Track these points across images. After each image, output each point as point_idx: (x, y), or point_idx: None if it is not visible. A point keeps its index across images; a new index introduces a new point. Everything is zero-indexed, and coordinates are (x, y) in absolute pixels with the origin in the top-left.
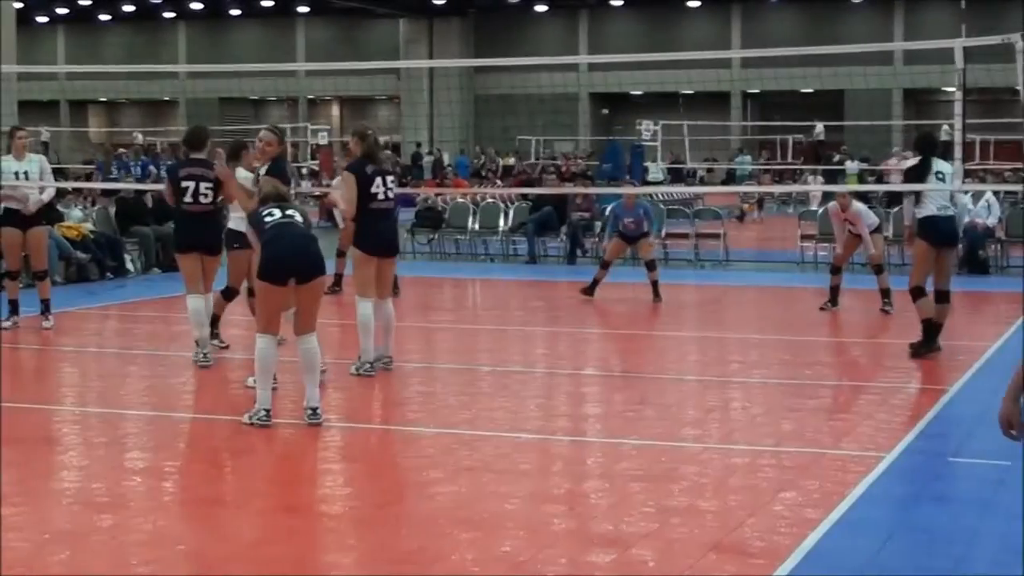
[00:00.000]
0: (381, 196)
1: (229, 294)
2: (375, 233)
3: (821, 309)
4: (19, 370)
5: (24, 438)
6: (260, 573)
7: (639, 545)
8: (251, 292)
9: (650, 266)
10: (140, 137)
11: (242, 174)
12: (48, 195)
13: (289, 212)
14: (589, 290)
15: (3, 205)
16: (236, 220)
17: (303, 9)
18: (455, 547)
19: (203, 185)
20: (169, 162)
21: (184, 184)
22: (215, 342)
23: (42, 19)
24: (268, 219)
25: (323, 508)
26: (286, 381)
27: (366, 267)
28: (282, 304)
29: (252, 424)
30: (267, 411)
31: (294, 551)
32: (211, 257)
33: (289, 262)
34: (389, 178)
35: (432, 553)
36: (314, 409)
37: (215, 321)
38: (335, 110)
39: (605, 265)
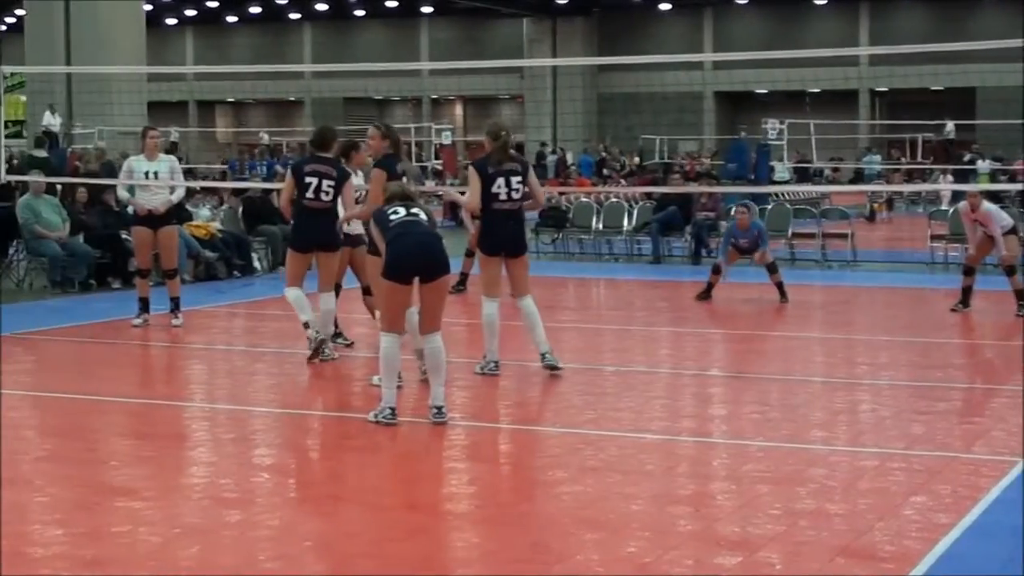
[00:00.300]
0: (503, 196)
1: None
2: (495, 233)
3: (952, 311)
4: (149, 367)
5: (155, 434)
6: (385, 570)
7: (766, 548)
8: (367, 291)
9: (771, 269)
10: (266, 137)
11: (355, 181)
12: (178, 195)
13: (414, 211)
14: (705, 294)
15: (133, 207)
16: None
17: (427, 9)
18: (579, 547)
19: (325, 183)
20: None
21: (307, 180)
22: (340, 340)
23: (171, 21)
24: (393, 217)
25: (448, 506)
26: (411, 379)
27: (490, 267)
28: (406, 303)
29: (377, 422)
30: (392, 409)
31: (419, 549)
32: (327, 254)
33: (413, 261)
34: (515, 179)
35: (556, 553)
36: (439, 408)
37: (335, 320)
38: (459, 109)
39: (717, 270)
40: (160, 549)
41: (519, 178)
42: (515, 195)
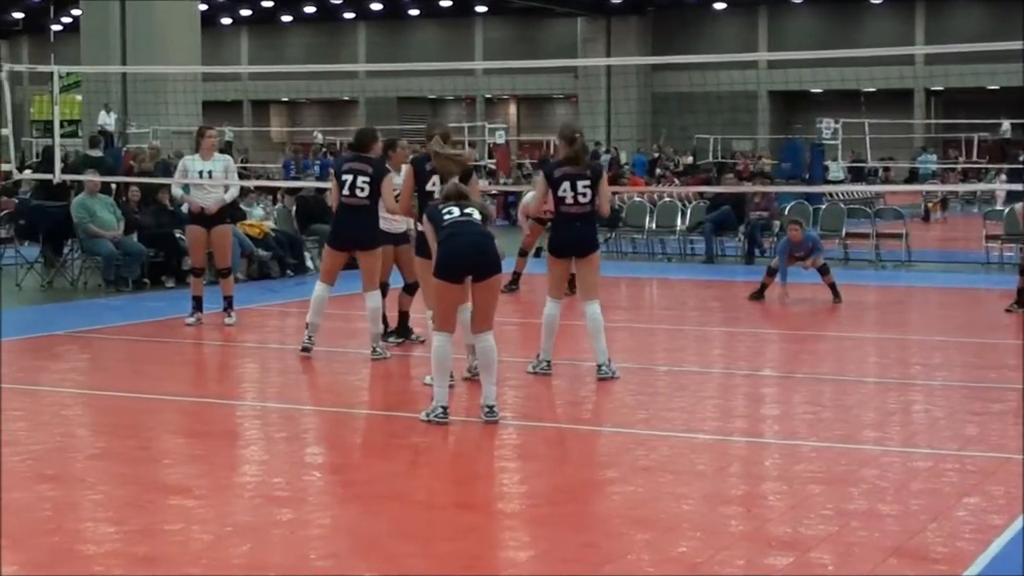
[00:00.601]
0: (569, 200)
1: (410, 289)
2: (559, 235)
3: (1007, 311)
4: (202, 366)
5: (207, 432)
6: (436, 569)
7: (818, 549)
8: (408, 288)
9: (823, 271)
10: (320, 136)
11: (396, 179)
12: (231, 194)
13: (468, 211)
14: (758, 294)
15: (187, 206)
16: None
17: (481, 8)
18: (630, 547)
19: (360, 179)
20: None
21: (344, 177)
22: (391, 339)
23: (226, 21)
24: (447, 217)
25: (499, 506)
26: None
27: (556, 268)
28: (457, 302)
29: (429, 421)
30: (444, 408)
31: (470, 548)
32: (363, 252)
33: (464, 260)
34: (581, 182)
35: (607, 553)
36: (491, 407)
37: (404, 317)
38: (512, 109)
39: (772, 272)
40: (212, 547)
41: (586, 182)
42: (581, 199)
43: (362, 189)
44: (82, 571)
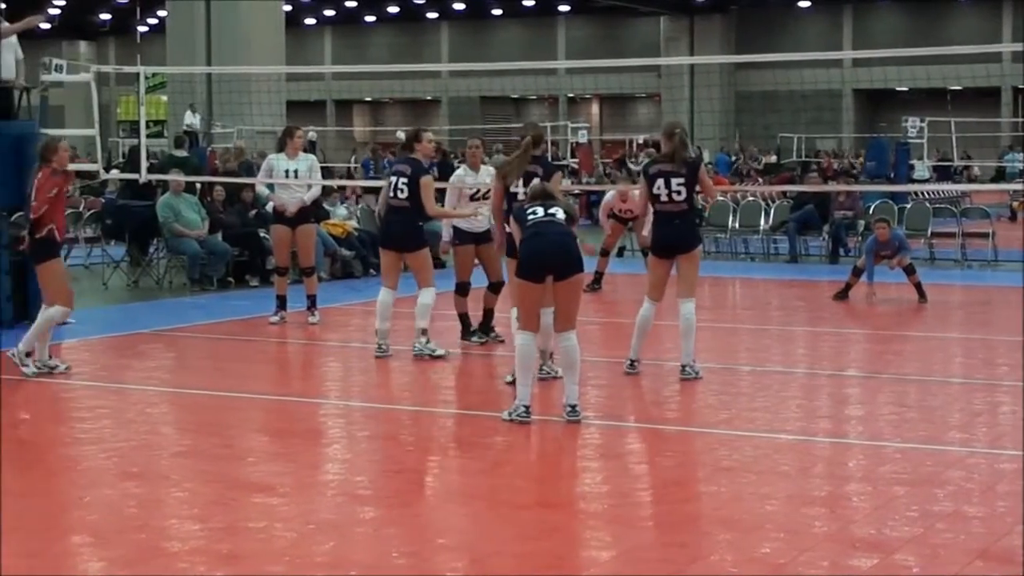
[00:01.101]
0: (664, 198)
1: (495, 288)
2: (658, 235)
3: None
4: (286, 364)
5: (290, 430)
6: (518, 568)
7: (903, 550)
8: (492, 287)
9: (908, 270)
10: (403, 136)
11: (459, 172)
12: (313, 194)
13: (552, 211)
14: (842, 294)
15: (272, 205)
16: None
17: (564, 8)
18: (714, 547)
19: (400, 180)
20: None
21: (391, 179)
22: (493, 335)
23: (310, 21)
24: (531, 217)
25: (581, 505)
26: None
27: (656, 269)
28: (540, 301)
29: (512, 420)
30: (527, 407)
31: (552, 547)
32: (408, 254)
33: (545, 259)
34: (676, 180)
35: (690, 552)
36: (573, 406)
37: (489, 315)
38: (595, 108)
39: (857, 272)
40: (294, 544)
41: (680, 180)
42: (676, 197)
43: (401, 191)
44: (167, 568)
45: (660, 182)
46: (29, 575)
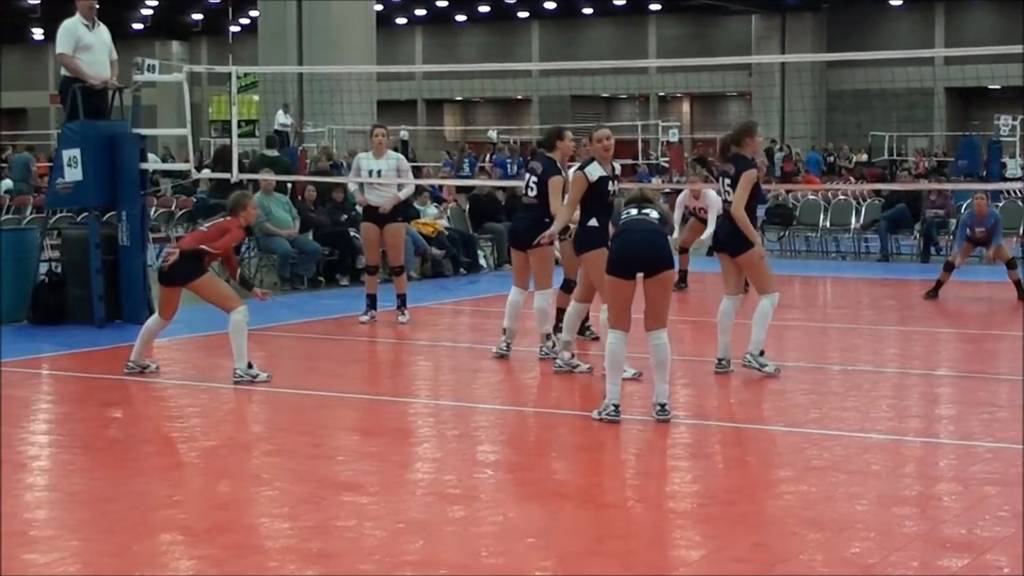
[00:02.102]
0: (727, 198)
1: (566, 286)
2: (715, 232)
3: None
4: (375, 363)
5: (380, 429)
6: (606, 568)
7: (994, 550)
8: (565, 286)
9: (1010, 265)
10: (494, 135)
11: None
12: (406, 193)
13: (645, 211)
14: (933, 293)
15: (365, 200)
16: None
17: (655, 7)
18: (803, 547)
19: (531, 179)
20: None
21: (525, 176)
22: (587, 334)
23: (401, 21)
24: (624, 217)
25: (670, 504)
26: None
27: (722, 264)
28: (630, 298)
29: (601, 419)
30: (616, 406)
31: (641, 546)
32: (531, 251)
33: (635, 256)
34: (726, 180)
35: (779, 552)
36: (663, 405)
37: (559, 315)
38: (685, 107)
39: (949, 268)
40: (384, 543)
41: (728, 180)
42: (727, 196)
43: (532, 188)
44: (257, 567)
45: (726, 181)
46: (118, 574)
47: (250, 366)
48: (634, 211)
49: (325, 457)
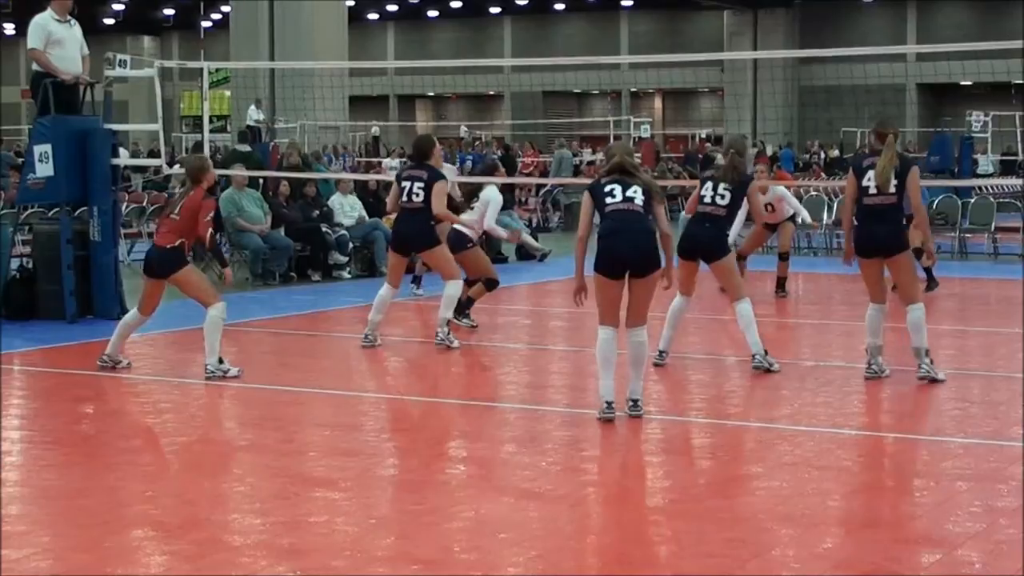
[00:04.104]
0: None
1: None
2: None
3: None
4: (347, 359)
5: (352, 425)
6: (580, 563)
7: (965, 546)
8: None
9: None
10: (465, 131)
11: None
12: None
13: (631, 192)
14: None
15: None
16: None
17: (627, 2)
18: (775, 542)
19: (416, 185)
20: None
21: (403, 184)
22: (465, 321)
23: (373, 16)
24: (608, 201)
25: (643, 500)
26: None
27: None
28: (618, 297)
29: (600, 419)
30: (609, 403)
31: (614, 542)
32: (424, 252)
33: (624, 259)
34: (721, 185)
35: (752, 548)
36: (635, 401)
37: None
38: (658, 103)
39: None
40: (356, 539)
41: (724, 184)
42: (718, 200)
43: (418, 194)
44: (228, 562)
45: (870, 173)
46: (90, 569)
47: (221, 361)
48: (619, 192)
49: (297, 453)
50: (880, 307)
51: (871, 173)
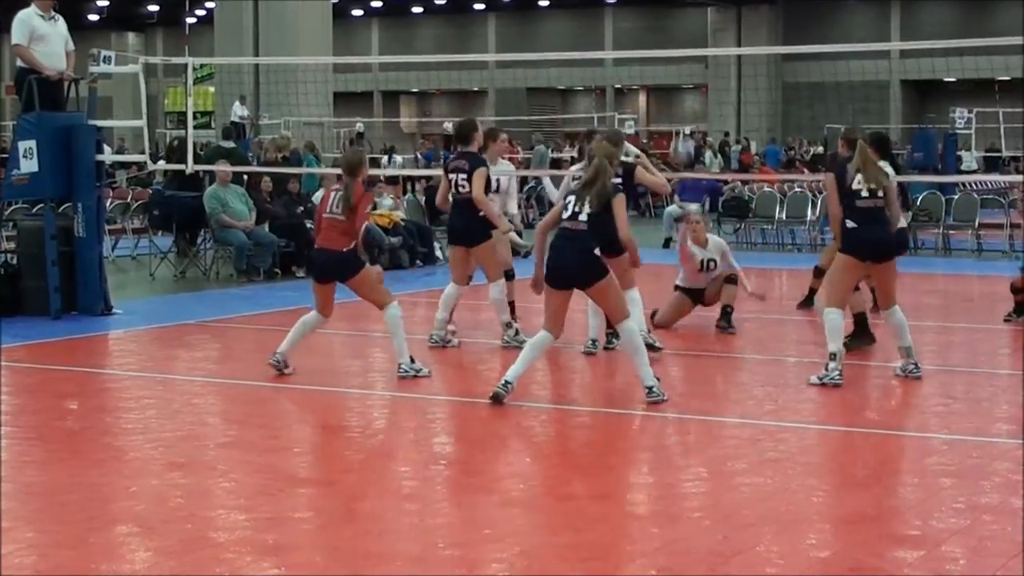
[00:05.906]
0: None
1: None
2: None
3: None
4: (332, 356)
5: (337, 422)
6: (563, 559)
7: (949, 543)
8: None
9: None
10: (450, 127)
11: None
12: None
13: (581, 206)
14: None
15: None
16: None
17: None
18: (758, 539)
19: (460, 176)
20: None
21: (450, 175)
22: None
23: (357, 12)
24: (563, 215)
25: (626, 496)
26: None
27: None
28: (562, 307)
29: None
30: (507, 382)
31: (597, 538)
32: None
33: (567, 275)
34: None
35: (735, 544)
36: (650, 388)
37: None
38: (642, 99)
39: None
40: (339, 535)
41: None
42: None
43: (463, 186)
44: (212, 558)
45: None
46: (74, 565)
47: (412, 360)
48: (571, 208)
49: (282, 449)
50: (842, 312)
51: (859, 177)
